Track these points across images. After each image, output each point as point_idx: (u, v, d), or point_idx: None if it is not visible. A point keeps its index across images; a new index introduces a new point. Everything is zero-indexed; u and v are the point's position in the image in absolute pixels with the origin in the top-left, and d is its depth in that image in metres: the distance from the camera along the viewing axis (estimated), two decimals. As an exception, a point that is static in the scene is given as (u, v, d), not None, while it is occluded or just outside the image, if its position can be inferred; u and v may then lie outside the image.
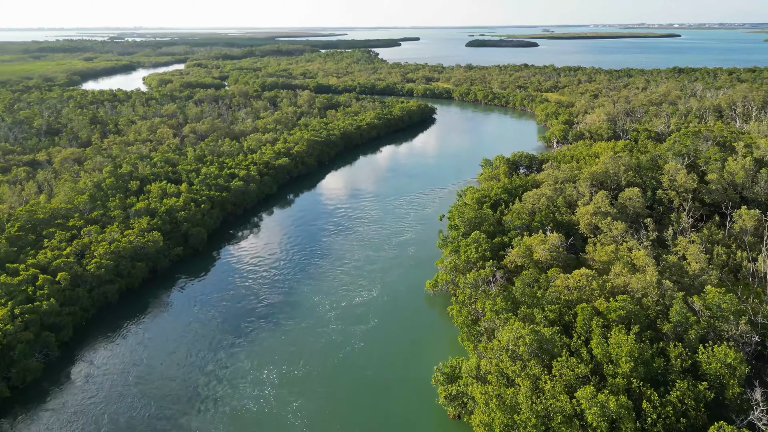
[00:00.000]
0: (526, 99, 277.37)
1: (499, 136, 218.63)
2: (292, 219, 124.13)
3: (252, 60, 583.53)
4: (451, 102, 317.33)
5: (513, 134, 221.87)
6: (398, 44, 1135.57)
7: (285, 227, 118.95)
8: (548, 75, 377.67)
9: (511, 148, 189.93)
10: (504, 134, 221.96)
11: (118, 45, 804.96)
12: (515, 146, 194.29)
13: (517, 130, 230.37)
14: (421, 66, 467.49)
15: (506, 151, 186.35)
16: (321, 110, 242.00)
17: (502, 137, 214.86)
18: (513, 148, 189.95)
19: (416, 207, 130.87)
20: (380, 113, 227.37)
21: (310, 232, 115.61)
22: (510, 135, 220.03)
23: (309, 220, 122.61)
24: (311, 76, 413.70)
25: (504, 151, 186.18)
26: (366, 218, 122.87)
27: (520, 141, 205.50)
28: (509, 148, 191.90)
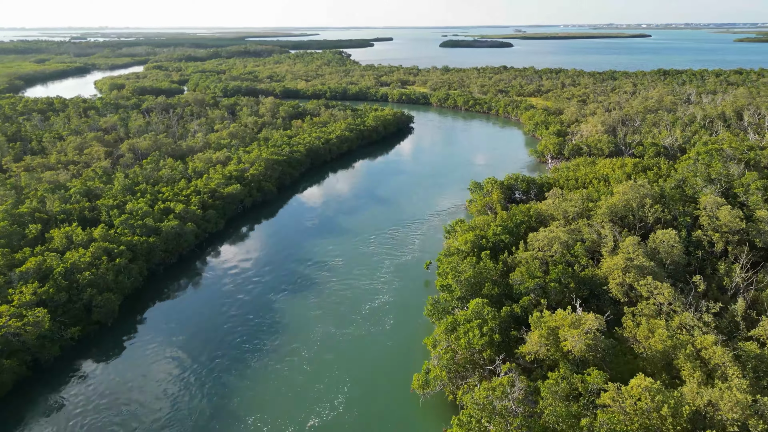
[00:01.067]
0: (510, 105, 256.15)
1: (485, 148, 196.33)
2: (235, 272, 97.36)
3: (217, 62, 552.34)
4: (429, 108, 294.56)
5: (500, 146, 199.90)
6: (371, 45, 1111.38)
7: (224, 285, 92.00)
8: (529, 78, 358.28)
9: (500, 164, 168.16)
10: (490, 146, 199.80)
11: (76, 46, 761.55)
12: (504, 161, 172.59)
13: (504, 142, 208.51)
14: (396, 68, 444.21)
15: (495, 167, 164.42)
16: (286, 120, 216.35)
17: (487, 150, 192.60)
18: (501, 164, 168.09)
19: (393, 249, 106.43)
20: (352, 124, 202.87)
21: (255, 294, 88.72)
22: (497, 147, 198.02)
23: (258, 273, 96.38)
24: (278, 80, 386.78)
25: (492, 167, 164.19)
26: (330, 271, 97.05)
27: (509, 155, 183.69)
28: (497, 163, 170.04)
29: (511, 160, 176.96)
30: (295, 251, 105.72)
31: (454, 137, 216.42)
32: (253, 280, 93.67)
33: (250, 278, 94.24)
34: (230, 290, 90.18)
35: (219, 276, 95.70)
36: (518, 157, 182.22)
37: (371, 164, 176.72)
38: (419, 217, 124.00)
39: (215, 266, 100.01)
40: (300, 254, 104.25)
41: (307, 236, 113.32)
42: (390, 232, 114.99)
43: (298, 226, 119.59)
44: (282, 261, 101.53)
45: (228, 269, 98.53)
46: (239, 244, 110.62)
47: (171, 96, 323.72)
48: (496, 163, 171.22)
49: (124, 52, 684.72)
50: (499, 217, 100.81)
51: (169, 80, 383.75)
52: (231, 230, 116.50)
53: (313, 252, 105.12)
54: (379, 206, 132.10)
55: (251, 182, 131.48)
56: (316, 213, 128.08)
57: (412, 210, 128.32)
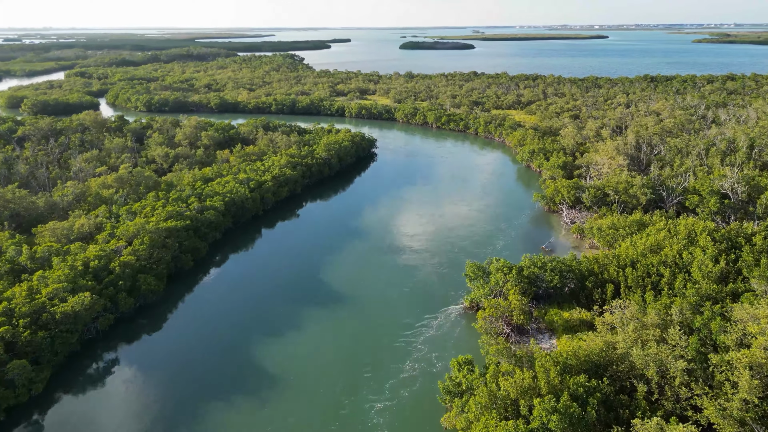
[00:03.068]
0: (492, 123, 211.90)
1: (470, 186, 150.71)
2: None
3: (153, 67, 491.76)
4: (394, 125, 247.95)
5: (488, 182, 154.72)
6: (328, 46, 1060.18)
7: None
8: (505, 86, 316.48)
9: (494, 213, 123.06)
10: (475, 182, 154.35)
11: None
12: (498, 207, 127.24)
13: (492, 174, 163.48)
14: (354, 74, 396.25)
15: (489, 220, 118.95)
16: (209, 150, 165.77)
17: (473, 189, 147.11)
18: (496, 213, 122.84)
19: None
20: (296, 155, 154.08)
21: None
22: (485, 183, 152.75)
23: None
24: (217, 89, 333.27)
25: (486, 221, 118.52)
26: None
27: (503, 196, 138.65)
28: (492, 212, 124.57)
29: (508, 204, 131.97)
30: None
31: (428, 168, 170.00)
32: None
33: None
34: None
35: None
36: (515, 198, 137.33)
37: (317, 218, 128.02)
38: (390, 336, 76.26)
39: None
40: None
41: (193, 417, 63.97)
42: (347, 385, 66.53)
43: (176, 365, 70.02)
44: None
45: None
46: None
47: (80, 111, 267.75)
48: (489, 212, 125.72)
49: (51, 56, 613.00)
50: (544, 382, 54.01)
51: (85, 90, 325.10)
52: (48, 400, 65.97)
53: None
54: (325, 319, 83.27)
55: (118, 280, 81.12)
56: (214, 340, 77.99)
57: (376, 327, 79.86)
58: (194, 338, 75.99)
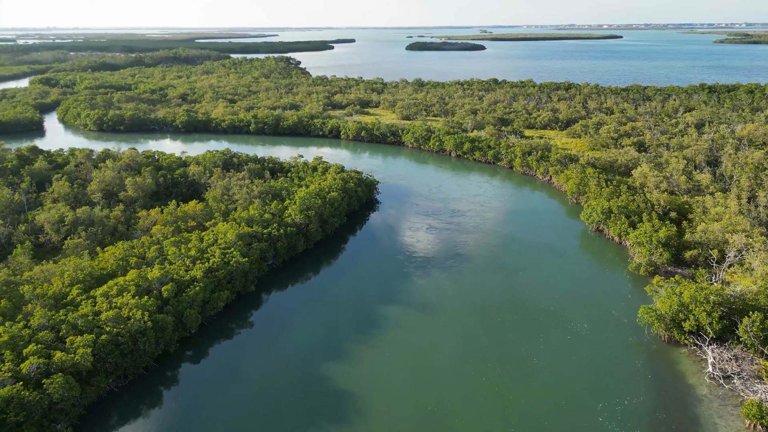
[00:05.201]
0: (533, 155, 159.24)
1: (520, 280, 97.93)
2: None
3: (132, 71, 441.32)
4: (401, 150, 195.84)
5: (543, 258, 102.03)
6: (330, 47, 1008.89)
7: None
8: (535, 98, 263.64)
9: (576, 355, 68.51)
10: (524, 266, 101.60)
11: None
12: (576, 342, 73.06)
13: (546, 246, 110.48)
14: (355, 82, 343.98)
15: (569, 347, 65.27)
16: (137, 205, 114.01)
17: (524, 267, 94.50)
18: (580, 357, 68.59)
19: None
20: (258, 220, 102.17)
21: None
22: (540, 261, 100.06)
23: None
24: (193, 100, 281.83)
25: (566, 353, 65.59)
26: None
27: (578, 309, 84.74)
28: (569, 356, 70.44)
29: (584, 317, 79.45)
30: None
31: (452, 230, 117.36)
32: None
33: None
34: None
35: None
36: (596, 303, 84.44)
37: (270, 358, 76.17)
38: None
39: None
40: None
41: None
42: None
43: None
44: None
45: None
46: None
47: (16, 131, 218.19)
48: (558, 352, 73.34)
49: (27, 59, 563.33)
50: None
51: (37, 102, 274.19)
52: None
53: None
54: None
55: None
56: None
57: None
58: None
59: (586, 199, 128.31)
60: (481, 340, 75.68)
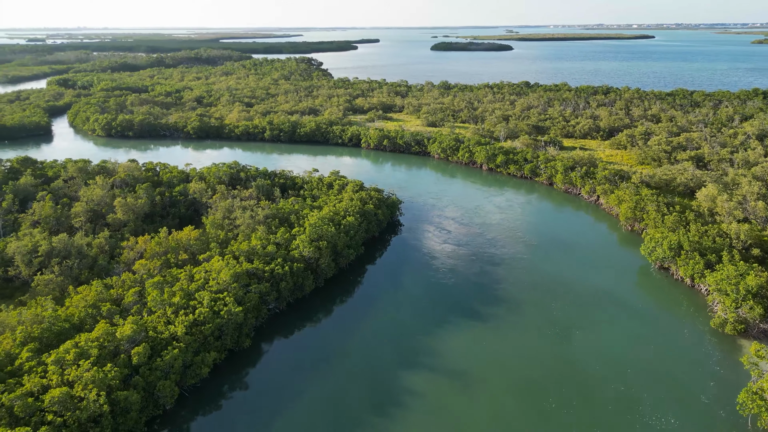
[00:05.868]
0: (576, 171, 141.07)
1: (581, 337, 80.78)
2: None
3: (152, 72, 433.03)
4: (426, 161, 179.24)
5: (605, 313, 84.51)
6: (354, 47, 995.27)
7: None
8: (572, 103, 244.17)
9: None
10: (580, 312, 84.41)
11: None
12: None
13: (601, 291, 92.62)
14: (377, 84, 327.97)
15: None
16: (126, 229, 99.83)
17: (585, 344, 77.37)
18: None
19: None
20: (260, 253, 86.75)
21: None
22: (602, 320, 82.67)
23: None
24: (208, 103, 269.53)
25: None
26: None
27: (656, 385, 67.18)
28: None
29: (667, 397, 62.13)
30: None
31: (490, 266, 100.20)
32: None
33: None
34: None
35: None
36: (673, 374, 66.86)
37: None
38: None
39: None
40: None
41: None
42: None
43: None
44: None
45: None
46: None
47: (22, 135, 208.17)
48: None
49: (50, 59, 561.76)
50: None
51: (49, 105, 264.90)
52: None
53: None
54: None
55: None
56: None
57: None
58: None
59: (645, 226, 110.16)
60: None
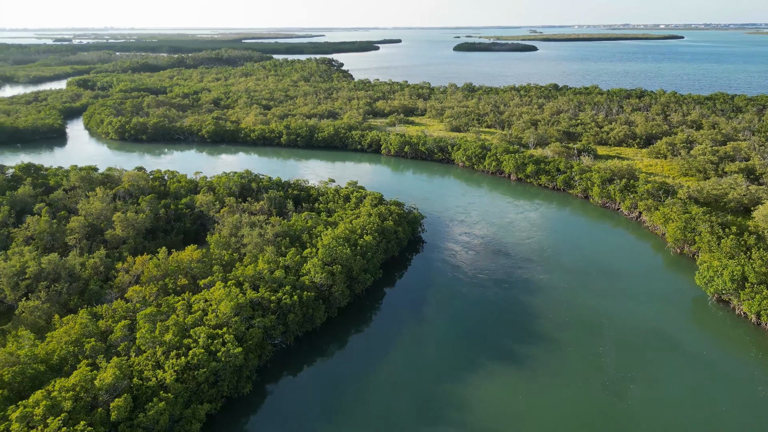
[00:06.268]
0: (615, 183, 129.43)
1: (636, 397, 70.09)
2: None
3: (171, 73, 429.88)
4: (450, 170, 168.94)
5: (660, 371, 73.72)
6: (376, 48, 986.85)
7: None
8: (604, 107, 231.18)
9: None
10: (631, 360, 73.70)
11: (19, 51, 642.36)
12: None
13: (656, 336, 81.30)
14: (399, 86, 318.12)
15: None
16: (126, 246, 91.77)
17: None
18: None
19: None
20: (267, 279, 77.61)
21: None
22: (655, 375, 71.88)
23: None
24: (226, 105, 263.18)
25: None
26: None
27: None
28: None
29: None
30: None
31: (524, 295, 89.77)
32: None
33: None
34: None
35: None
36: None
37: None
38: None
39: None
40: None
41: None
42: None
43: None
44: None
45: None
46: None
47: (34, 138, 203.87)
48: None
49: (72, 59, 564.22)
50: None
51: (66, 107, 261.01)
52: None
53: None
54: None
55: None
56: None
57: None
58: None
59: (696, 250, 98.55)
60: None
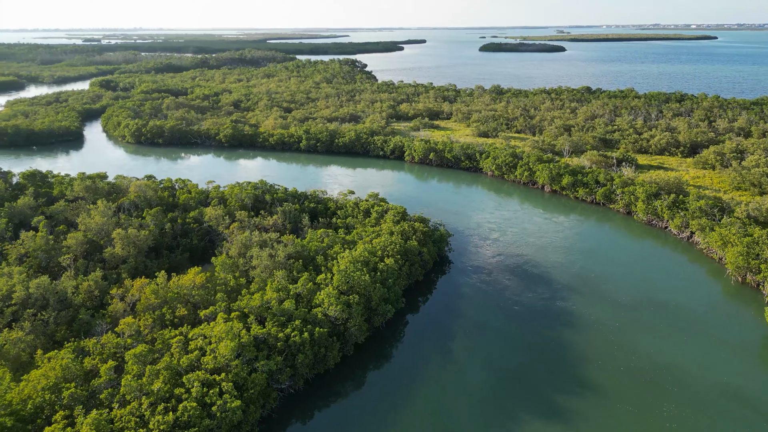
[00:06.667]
0: (662, 198, 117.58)
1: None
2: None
3: (194, 74, 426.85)
4: (478, 179, 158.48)
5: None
6: (400, 48, 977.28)
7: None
8: (642, 112, 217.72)
9: None
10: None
11: (47, 51, 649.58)
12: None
13: (726, 397, 70.34)
14: (424, 88, 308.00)
15: None
16: (129, 266, 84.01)
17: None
18: None
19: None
20: (276, 313, 68.91)
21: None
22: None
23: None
24: (246, 107, 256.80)
25: None
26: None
27: None
28: None
29: None
30: None
31: (568, 332, 79.32)
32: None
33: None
34: None
35: None
36: None
37: None
38: None
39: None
40: None
41: None
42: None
43: None
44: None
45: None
46: None
47: (51, 141, 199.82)
48: None
49: (97, 60, 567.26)
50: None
51: (85, 108, 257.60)
52: None
53: None
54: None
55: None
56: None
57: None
58: None
59: (762, 279, 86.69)
60: None
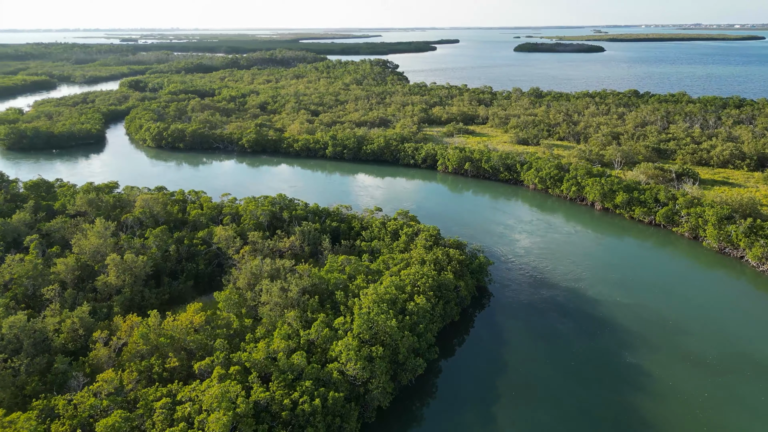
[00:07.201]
0: (735, 222, 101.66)
1: None
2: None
3: (223, 74, 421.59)
4: (518, 192, 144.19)
5: None
6: (433, 48, 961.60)
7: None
8: (698, 119, 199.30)
9: None
10: None
11: (82, 50, 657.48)
12: None
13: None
14: (458, 91, 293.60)
15: None
16: (105, 315, 73.67)
17: None
18: None
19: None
20: (284, 369, 57.23)
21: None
22: None
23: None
24: (273, 110, 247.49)
25: None
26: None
27: None
28: None
29: None
30: None
31: (638, 397, 65.44)
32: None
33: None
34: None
35: None
36: None
37: None
38: None
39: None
40: None
41: None
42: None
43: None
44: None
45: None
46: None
47: (72, 144, 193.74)
48: None
49: (130, 59, 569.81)
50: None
51: (111, 109, 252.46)
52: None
53: None
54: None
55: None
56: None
57: None
58: None
59: None
60: None
